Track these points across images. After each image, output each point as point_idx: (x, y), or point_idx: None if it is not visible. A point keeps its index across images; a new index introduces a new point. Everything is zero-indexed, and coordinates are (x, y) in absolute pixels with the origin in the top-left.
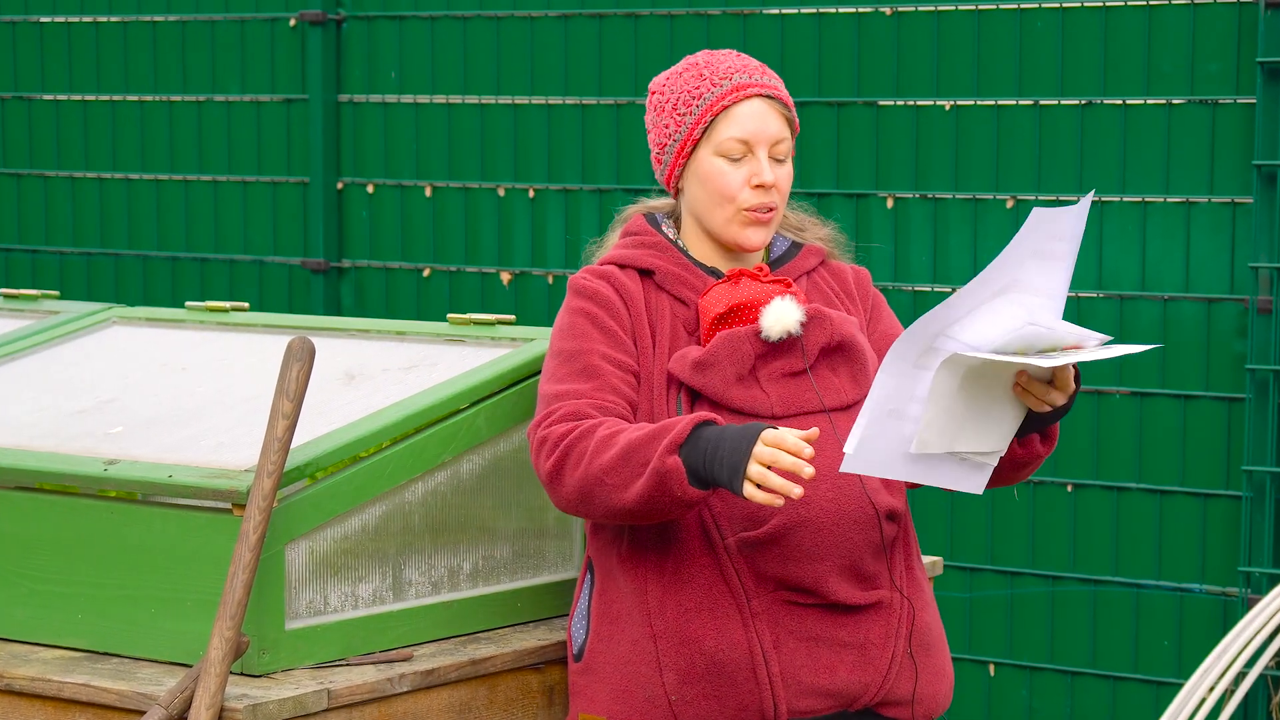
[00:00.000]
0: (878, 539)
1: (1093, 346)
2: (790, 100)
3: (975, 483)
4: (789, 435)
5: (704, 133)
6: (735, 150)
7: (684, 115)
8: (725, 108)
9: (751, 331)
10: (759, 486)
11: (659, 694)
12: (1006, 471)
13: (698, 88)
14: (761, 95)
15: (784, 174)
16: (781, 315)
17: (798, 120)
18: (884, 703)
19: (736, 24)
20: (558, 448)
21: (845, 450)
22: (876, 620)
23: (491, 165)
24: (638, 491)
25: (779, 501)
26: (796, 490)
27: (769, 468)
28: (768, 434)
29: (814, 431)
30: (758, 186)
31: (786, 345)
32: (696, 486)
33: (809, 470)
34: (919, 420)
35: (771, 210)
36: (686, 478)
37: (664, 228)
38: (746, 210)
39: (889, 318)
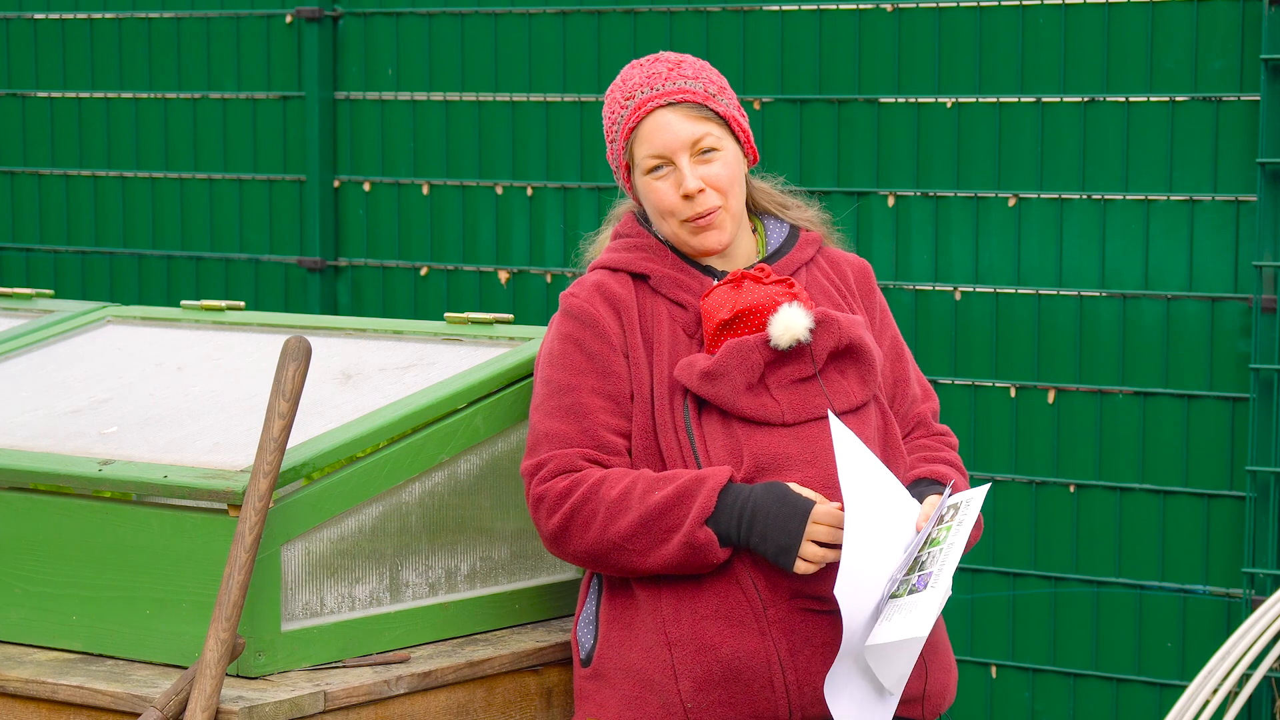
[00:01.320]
0: None
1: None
2: (704, 94)
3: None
4: (840, 517)
5: (629, 157)
6: (656, 165)
7: (613, 142)
8: (632, 129)
9: (760, 340)
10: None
11: (674, 701)
12: None
13: (614, 112)
14: (662, 105)
15: (714, 170)
16: (790, 324)
17: (724, 108)
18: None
19: (736, 20)
20: (560, 508)
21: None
22: None
23: (489, 163)
24: (665, 559)
25: (809, 570)
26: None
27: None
28: (819, 512)
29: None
30: (685, 196)
31: (795, 351)
32: (726, 546)
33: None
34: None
35: (714, 210)
36: (718, 543)
37: (654, 227)
38: (686, 221)
39: (893, 328)
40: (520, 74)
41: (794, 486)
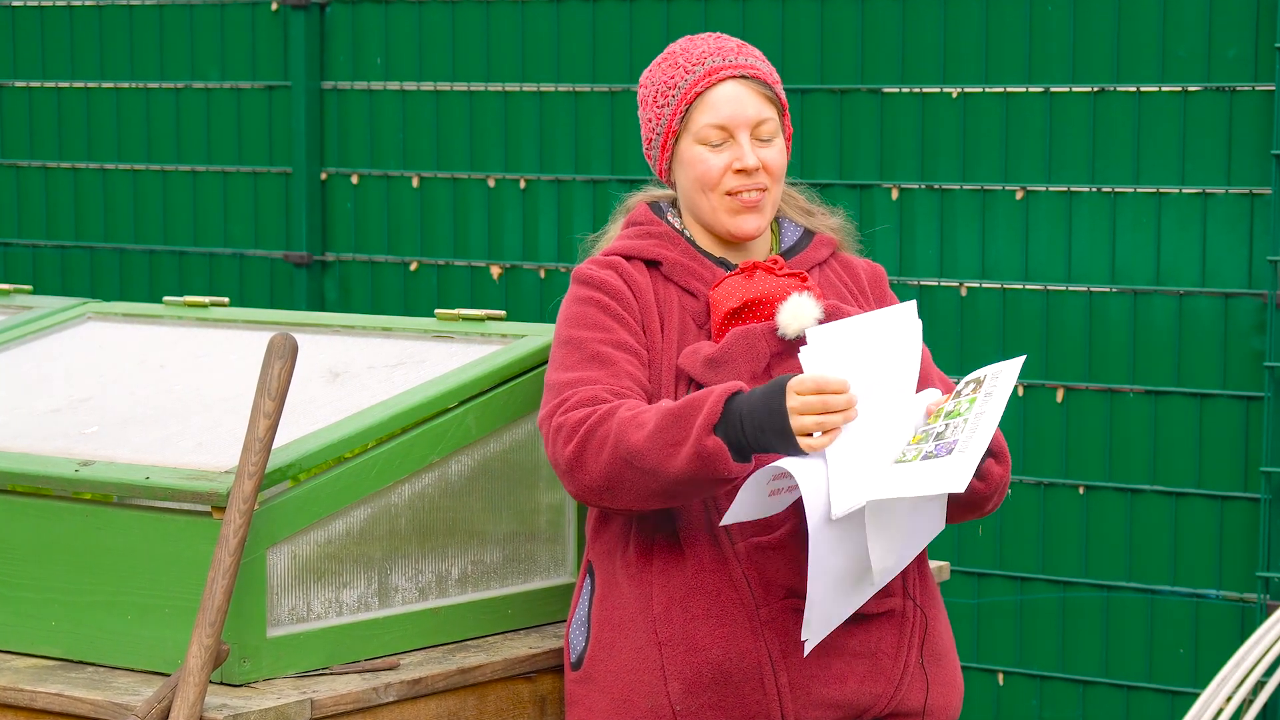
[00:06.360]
0: None
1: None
2: (772, 77)
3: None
4: (824, 379)
5: (682, 123)
6: (714, 136)
7: (663, 107)
8: (699, 94)
9: (767, 329)
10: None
11: (663, 704)
12: (961, 510)
13: (673, 77)
14: (735, 77)
15: (771, 155)
16: (799, 312)
17: (784, 97)
18: (894, 714)
19: (735, 8)
20: (577, 433)
21: (804, 637)
22: (889, 629)
23: (481, 155)
24: (677, 471)
25: (828, 443)
26: (853, 413)
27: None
28: (795, 383)
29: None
30: (740, 171)
31: (802, 343)
32: (741, 460)
33: (856, 399)
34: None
35: (762, 192)
36: (730, 455)
37: (669, 217)
38: (730, 194)
39: None
40: (513, 63)
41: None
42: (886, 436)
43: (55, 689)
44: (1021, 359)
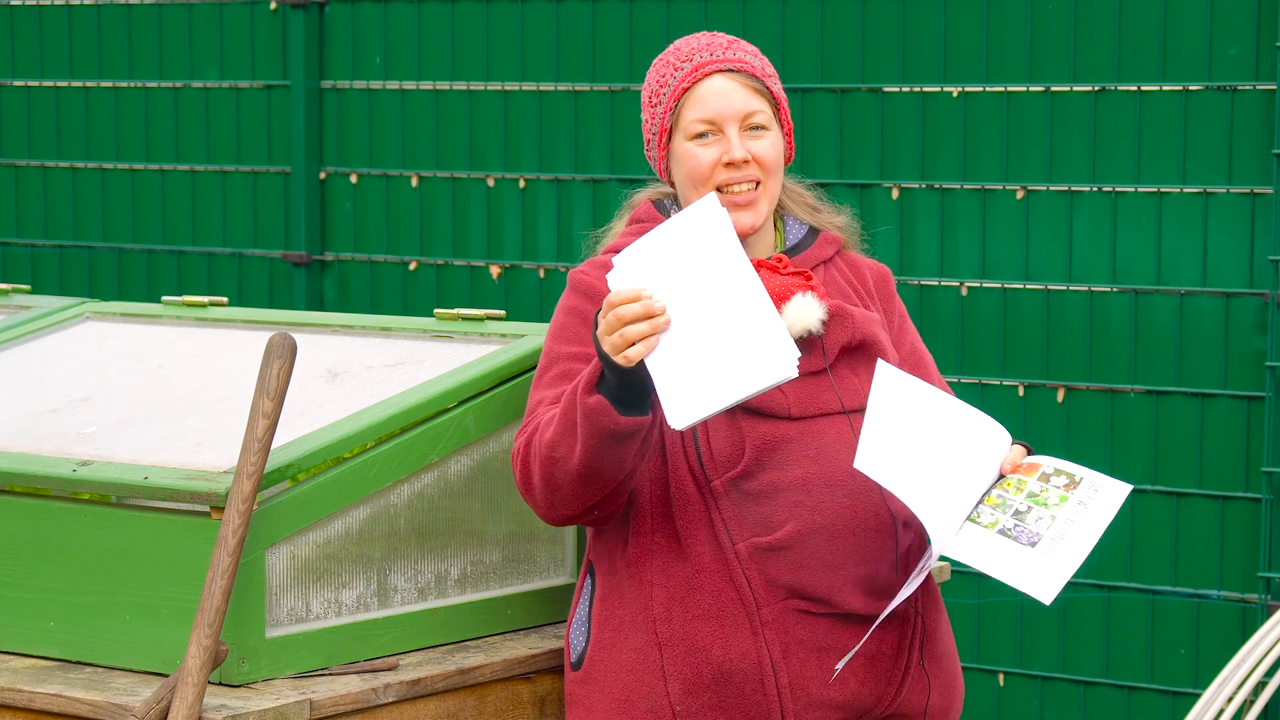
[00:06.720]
0: (893, 548)
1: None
2: (763, 71)
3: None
4: (613, 294)
5: (674, 120)
6: (703, 131)
7: (656, 106)
8: (686, 90)
9: None
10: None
11: (663, 704)
12: None
13: (664, 76)
14: (721, 71)
15: (762, 147)
16: (802, 313)
17: (778, 90)
18: (895, 714)
19: (735, 7)
20: (520, 457)
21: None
22: (889, 630)
23: (480, 154)
24: (581, 446)
25: (644, 352)
26: (662, 320)
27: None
28: (600, 316)
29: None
30: (729, 164)
31: (805, 343)
32: (627, 414)
33: (659, 305)
34: None
35: (755, 187)
36: (614, 409)
37: (673, 214)
38: (721, 190)
39: (913, 334)
40: (512, 62)
41: None
42: (721, 331)
43: (54, 689)
44: (1128, 488)
